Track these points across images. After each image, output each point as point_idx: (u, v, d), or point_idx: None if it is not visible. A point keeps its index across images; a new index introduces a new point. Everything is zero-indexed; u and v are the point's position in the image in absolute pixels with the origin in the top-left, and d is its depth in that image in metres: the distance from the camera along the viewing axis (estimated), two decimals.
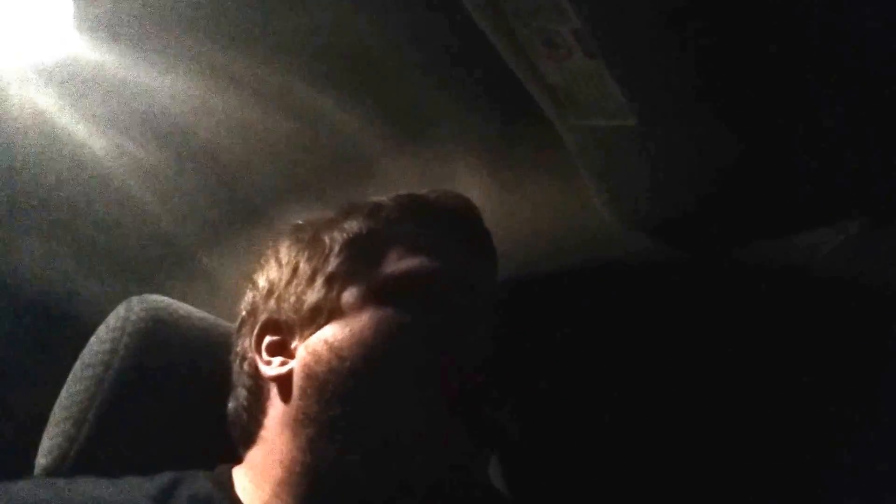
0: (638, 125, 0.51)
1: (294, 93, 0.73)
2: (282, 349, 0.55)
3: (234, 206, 0.85)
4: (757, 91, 0.49)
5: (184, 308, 0.67)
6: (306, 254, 0.58)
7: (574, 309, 0.77)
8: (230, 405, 0.58)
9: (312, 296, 0.55)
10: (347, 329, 0.52)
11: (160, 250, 0.89)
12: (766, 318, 0.69)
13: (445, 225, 0.59)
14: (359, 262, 0.56)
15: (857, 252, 0.60)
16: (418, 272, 0.54)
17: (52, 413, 0.60)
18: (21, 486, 0.48)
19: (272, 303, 0.57)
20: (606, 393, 0.76)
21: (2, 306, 0.91)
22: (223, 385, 0.60)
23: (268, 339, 0.56)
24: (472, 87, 0.69)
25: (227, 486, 0.53)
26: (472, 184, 0.74)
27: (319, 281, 0.55)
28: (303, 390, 0.52)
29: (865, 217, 0.60)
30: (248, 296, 0.61)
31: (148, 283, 0.87)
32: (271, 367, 0.54)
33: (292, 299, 0.56)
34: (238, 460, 0.56)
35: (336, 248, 0.56)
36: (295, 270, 0.57)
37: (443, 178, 0.75)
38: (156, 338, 0.62)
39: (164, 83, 0.71)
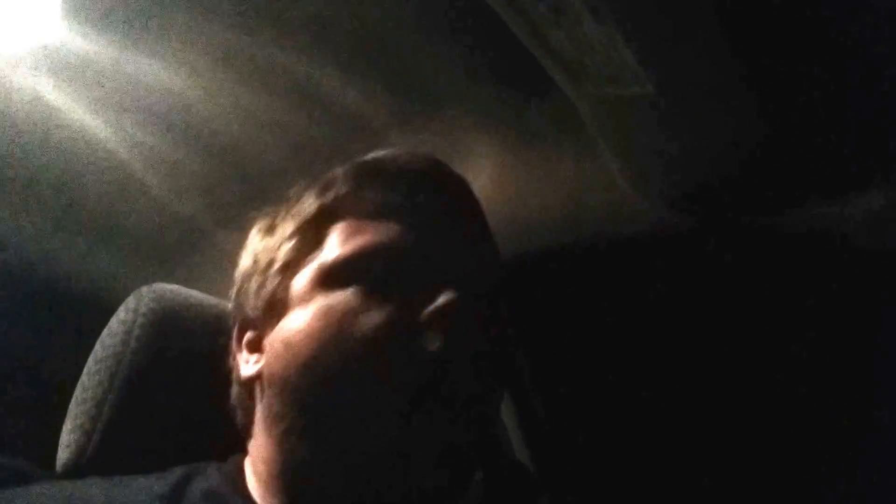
0: (654, 93, 0.48)
1: (299, 71, 0.71)
2: (257, 346, 0.52)
3: (243, 187, 0.84)
4: (780, 56, 0.46)
5: (194, 296, 0.66)
6: (264, 243, 0.55)
7: (593, 283, 0.74)
8: (231, 399, 0.57)
9: (269, 286, 0.52)
10: (297, 320, 0.48)
11: (169, 234, 0.88)
12: (791, 290, 0.66)
13: (401, 189, 0.52)
14: (309, 246, 0.51)
15: (884, 222, 0.57)
16: (365, 250, 0.49)
17: (70, 408, 0.60)
18: (30, 491, 0.48)
19: (242, 297, 0.55)
20: (627, 367, 0.75)
21: (9, 295, 0.91)
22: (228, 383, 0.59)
23: (247, 335, 0.54)
24: (484, 61, 0.66)
25: (238, 479, 0.51)
26: (485, 159, 0.72)
27: (273, 270, 0.52)
28: (270, 388, 0.49)
29: (890, 187, 0.57)
30: (231, 291, 0.58)
31: (159, 268, 0.87)
32: (248, 367, 0.52)
33: (254, 291, 0.53)
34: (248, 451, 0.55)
35: (288, 233, 0.53)
36: (255, 261, 0.55)
37: (454, 154, 0.72)
38: (167, 328, 0.61)
39: (160, 66, 0.69)
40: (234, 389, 0.55)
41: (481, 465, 0.52)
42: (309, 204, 0.54)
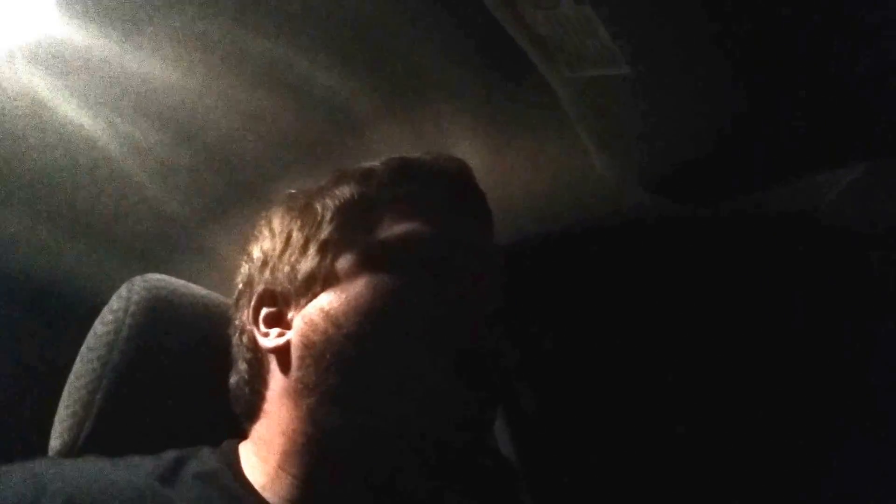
0: (632, 74, 0.50)
1: (283, 63, 0.72)
2: (279, 320, 0.55)
3: (231, 181, 0.85)
4: (757, 32, 0.47)
5: (185, 286, 0.67)
6: (299, 222, 0.57)
7: (576, 271, 0.76)
8: (232, 379, 0.58)
9: (306, 264, 0.54)
10: (343, 296, 0.52)
11: (159, 229, 0.89)
12: (774, 266, 0.68)
13: (438, 187, 0.58)
14: (351, 229, 0.55)
15: (863, 194, 0.59)
16: (411, 236, 0.54)
17: (62, 397, 0.61)
18: (27, 467, 0.49)
19: (267, 274, 0.57)
20: (612, 354, 0.75)
21: (2, 293, 0.91)
22: (227, 361, 0.60)
23: (265, 310, 0.55)
24: (464, 47, 0.67)
25: (233, 461, 0.53)
26: (467, 146, 0.73)
27: (313, 249, 0.55)
28: (301, 360, 0.52)
29: (869, 159, 0.58)
30: (244, 268, 0.60)
31: (149, 263, 0.87)
32: (269, 339, 0.54)
33: (286, 269, 0.55)
34: (244, 435, 0.56)
35: (328, 216, 0.56)
36: (288, 240, 0.57)
37: (437, 142, 0.74)
38: (158, 317, 0.62)
39: (151, 60, 0.70)
40: (243, 366, 0.57)
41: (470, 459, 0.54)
42: (350, 190, 0.57)
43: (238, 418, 0.57)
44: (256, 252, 0.59)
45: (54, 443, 0.58)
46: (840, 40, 0.47)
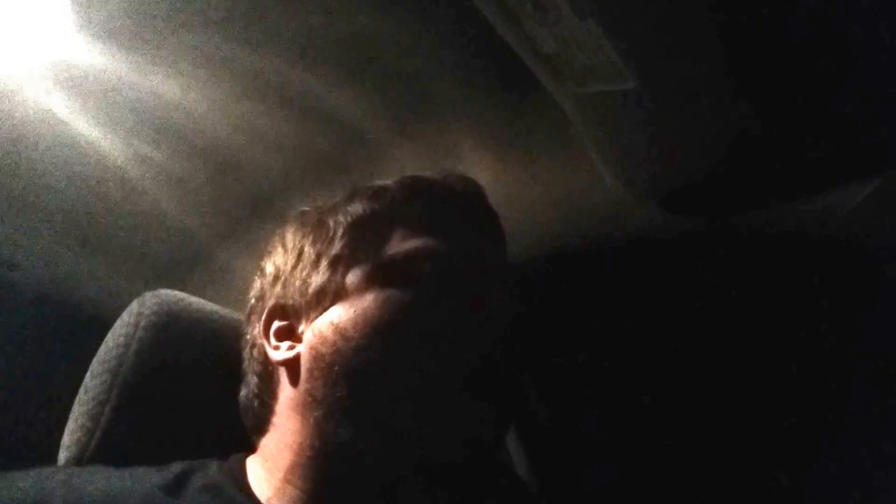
0: (638, 87, 0.50)
1: (298, 85, 0.73)
2: (290, 334, 0.55)
3: (245, 200, 0.86)
4: (766, 45, 0.47)
5: (197, 302, 0.67)
6: (311, 238, 0.58)
7: (586, 288, 0.75)
8: (241, 393, 0.58)
9: (317, 279, 0.55)
10: (352, 310, 0.52)
11: (174, 247, 0.90)
12: (788, 282, 0.67)
13: (450, 205, 0.58)
14: (363, 244, 0.55)
15: (881, 206, 0.58)
16: (422, 251, 0.54)
17: (72, 410, 0.61)
18: (31, 474, 0.49)
19: (279, 288, 0.58)
20: (623, 372, 0.75)
21: (17, 304, 0.93)
22: (238, 376, 0.60)
23: (276, 324, 0.56)
24: (473, 67, 0.68)
25: (239, 474, 0.53)
26: (478, 165, 0.73)
27: (324, 264, 0.55)
28: (310, 373, 0.52)
29: (883, 174, 0.57)
30: (256, 283, 0.61)
31: (163, 281, 0.88)
32: (279, 352, 0.54)
33: (298, 283, 0.56)
34: (252, 450, 0.56)
35: (340, 231, 0.56)
36: (300, 255, 0.58)
37: (449, 161, 0.74)
38: (169, 332, 0.62)
39: (168, 81, 0.71)
40: (253, 380, 0.57)
41: (481, 477, 0.53)
42: (362, 207, 0.58)
43: (247, 433, 0.57)
44: (269, 267, 0.60)
45: (63, 454, 0.59)
46: (852, 53, 0.47)
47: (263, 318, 0.57)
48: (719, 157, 0.57)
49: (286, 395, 0.54)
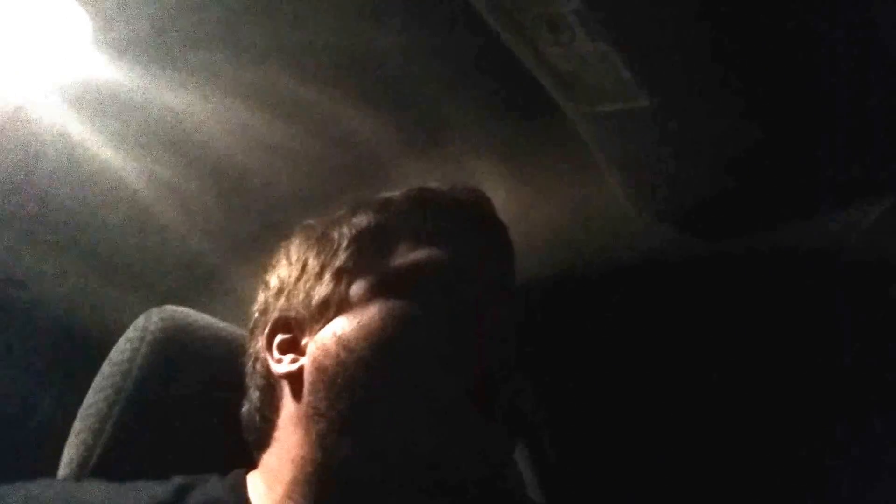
0: (651, 106, 0.50)
1: (311, 103, 0.73)
2: (293, 347, 0.54)
3: (256, 220, 0.86)
4: (776, 64, 0.47)
5: (202, 318, 0.67)
6: (315, 250, 0.57)
7: (600, 305, 0.74)
8: (244, 407, 0.58)
9: (321, 290, 0.54)
10: (356, 321, 0.51)
11: (183, 266, 0.90)
12: (802, 303, 0.66)
13: (457, 216, 0.57)
14: (367, 256, 0.55)
15: (891, 228, 0.57)
16: (427, 263, 0.53)
17: (74, 425, 0.61)
18: (28, 487, 0.48)
19: (282, 301, 0.57)
20: (634, 390, 0.73)
21: (26, 324, 0.93)
22: (241, 392, 0.59)
23: (279, 337, 0.55)
24: (486, 86, 0.68)
25: (240, 489, 0.52)
26: (491, 184, 0.73)
27: (328, 275, 0.55)
28: (313, 385, 0.51)
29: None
30: (260, 296, 0.60)
31: (171, 299, 0.87)
32: (282, 365, 0.54)
33: (301, 296, 0.55)
34: (253, 465, 0.55)
35: (344, 243, 0.56)
36: (304, 267, 0.57)
37: (458, 179, 0.73)
38: (174, 347, 0.62)
39: (182, 100, 0.72)
40: (255, 394, 0.56)
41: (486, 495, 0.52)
42: (367, 218, 0.57)
43: (249, 449, 0.56)
44: (273, 280, 0.60)
45: (63, 470, 0.58)
46: (866, 72, 0.47)
47: (267, 331, 0.56)
48: (732, 176, 0.56)
49: (288, 408, 0.53)
